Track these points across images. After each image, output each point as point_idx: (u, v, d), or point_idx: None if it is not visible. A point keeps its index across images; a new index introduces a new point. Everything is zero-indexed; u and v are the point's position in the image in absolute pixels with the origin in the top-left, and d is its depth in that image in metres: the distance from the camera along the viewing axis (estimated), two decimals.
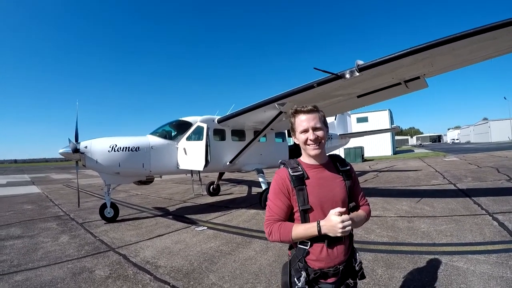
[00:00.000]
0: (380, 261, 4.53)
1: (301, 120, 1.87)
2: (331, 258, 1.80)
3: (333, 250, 1.80)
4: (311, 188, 1.83)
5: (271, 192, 1.91)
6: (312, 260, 1.80)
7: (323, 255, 1.79)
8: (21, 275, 4.74)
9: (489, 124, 77.80)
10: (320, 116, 1.90)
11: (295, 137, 1.95)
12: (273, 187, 1.90)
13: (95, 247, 6.08)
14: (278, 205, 1.85)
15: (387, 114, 39.58)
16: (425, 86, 7.12)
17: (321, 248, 1.79)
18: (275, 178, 1.91)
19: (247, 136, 10.77)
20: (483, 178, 12.51)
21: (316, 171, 1.89)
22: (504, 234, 5.28)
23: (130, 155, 8.34)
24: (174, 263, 4.98)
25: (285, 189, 1.84)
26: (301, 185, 1.82)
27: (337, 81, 6.39)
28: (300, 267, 1.80)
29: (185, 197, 12.94)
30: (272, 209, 1.87)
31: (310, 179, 1.85)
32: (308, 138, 1.84)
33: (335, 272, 1.80)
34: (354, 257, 1.95)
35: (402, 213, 7.43)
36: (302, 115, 1.88)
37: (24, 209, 11.53)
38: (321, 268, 1.79)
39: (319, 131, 1.85)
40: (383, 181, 14.34)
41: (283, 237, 1.77)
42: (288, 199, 1.84)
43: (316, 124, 1.85)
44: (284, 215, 1.85)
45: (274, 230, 1.80)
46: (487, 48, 5.44)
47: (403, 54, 5.48)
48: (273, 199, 1.88)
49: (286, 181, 1.84)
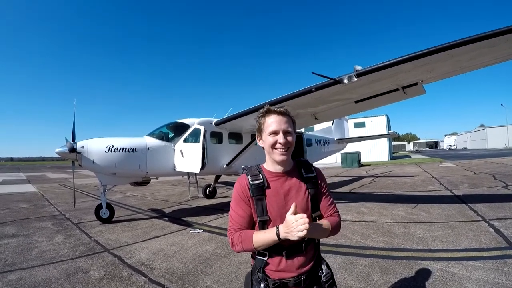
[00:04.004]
0: (375, 266, 4.52)
1: (272, 121, 1.77)
2: (291, 268, 1.74)
3: (293, 260, 1.74)
4: (270, 198, 1.75)
5: (233, 201, 1.83)
6: (271, 270, 1.76)
7: (282, 265, 1.74)
8: (15, 274, 4.69)
9: (486, 130, 78.21)
10: (292, 121, 1.83)
11: (261, 138, 1.86)
12: (234, 195, 1.83)
13: (90, 248, 6.04)
14: (240, 214, 1.78)
15: (385, 119, 39.75)
16: (423, 92, 7.17)
17: (279, 260, 1.74)
18: (236, 185, 1.84)
19: (244, 139, 10.78)
20: (479, 184, 12.55)
21: (278, 179, 1.81)
22: (500, 241, 5.28)
23: (127, 156, 8.32)
24: (169, 265, 4.95)
25: (245, 197, 1.77)
26: (260, 195, 1.75)
27: (335, 86, 6.42)
28: (260, 278, 1.75)
29: (181, 199, 12.89)
30: (233, 218, 1.79)
31: (271, 189, 1.77)
32: (278, 141, 1.74)
33: (296, 282, 1.74)
34: (321, 268, 1.86)
35: (398, 218, 7.43)
36: (274, 115, 1.78)
37: (19, 208, 11.44)
38: (281, 278, 1.74)
39: (290, 136, 1.78)
40: (380, 187, 14.36)
41: (245, 245, 1.70)
42: (249, 207, 1.77)
43: (287, 127, 1.77)
44: (246, 224, 1.78)
45: (236, 240, 1.72)
46: (485, 56, 5.49)
47: (402, 60, 5.51)
48: (234, 207, 1.81)
49: (246, 189, 1.77)
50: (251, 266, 1.89)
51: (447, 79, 6.72)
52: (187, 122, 9.64)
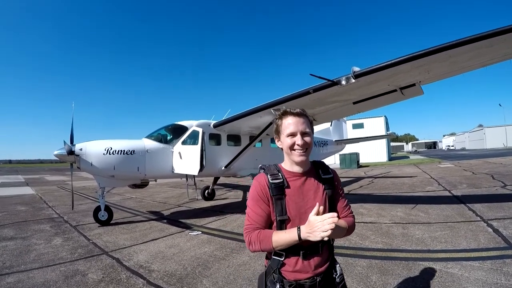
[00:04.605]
0: (374, 267, 4.52)
1: (289, 123, 1.78)
2: (307, 269, 1.73)
3: (309, 261, 1.74)
4: (290, 198, 1.76)
5: (250, 199, 1.82)
6: (287, 271, 1.74)
7: (298, 266, 1.73)
8: (13, 277, 4.67)
9: (484, 130, 78.44)
10: (309, 121, 1.83)
11: (279, 140, 1.87)
12: (252, 193, 1.81)
13: (89, 250, 6.02)
14: (258, 213, 1.77)
15: (383, 120, 39.79)
16: (421, 93, 7.18)
17: (296, 260, 1.73)
18: (254, 184, 1.83)
19: (242, 141, 10.77)
20: (478, 184, 12.57)
21: (297, 179, 1.81)
22: (499, 241, 5.30)
23: (125, 158, 8.31)
24: (167, 267, 4.94)
25: (265, 196, 1.76)
26: (279, 194, 1.75)
27: (333, 87, 6.43)
28: (275, 279, 1.74)
29: (180, 201, 12.87)
30: (251, 217, 1.78)
31: (290, 189, 1.77)
32: (296, 142, 1.74)
33: (311, 283, 1.73)
34: (334, 269, 1.85)
35: (397, 219, 7.43)
36: (291, 117, 1.79)
37: (17, 210, 11.40)
38: (297, 279, 1.73)
39: (307, 136, 1.78)
40: (378, 187, 14.38)
41: (263, 245, 1.68)
42: (268, 206, 1.77)
43: (305, 128, 1.77)
44: (263, 223, 1.77)
45: (253, 239, 1.70)
46: (483, 56, 5.50)
47: (400, 61, 5.53)
48: (252, 206, 1.79)
49: (265, 188, 1.76)
50: (265, 267, 1.87)
51: (445, 79, 6.74)
52: (186, 124, 9.64)
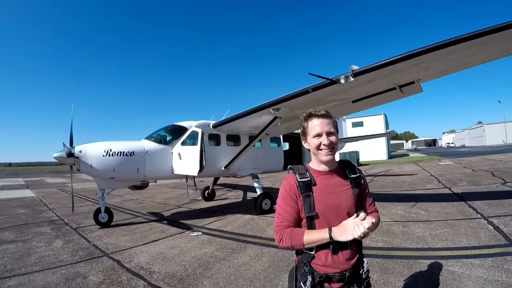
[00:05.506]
0: (375, 266, 4.51)
1: (315, 125, 1.85)
2: (336, 264, 1.79)
3: (338, 256, 1.79)
4: (317, 195, 1.82)
5: (280, 198, 1.90)
6: (318, 265, 1.80)
7: (328, 261, 1.78)
8: (14, 280, 4.67)
9: (484, 127, 78.54)
10: (333, 121, 1.89)
11: (306, 141, 1.95)
12: (282, 192, 1.90)
13: (89, 252, 6.01)
14: (288, 211, 1.84)
15: (382, 118, 39.84)
16: (420, 90, 7.18)
17: (326, 254, 1.79)
18: (283, 183, 1.91)
19: (242, 141, 10.75)
20: (478, 182, 12.57)
21: (324, 177, 1.88)
22: (499, 238, 5.29)
23: (125, 160, 8.29)
24: (168, 268, 4.93)
25: (293, 194, 1.84)
26: (307, 192, 1.81)
27: (332, 86, 6.41)
28: (306, 271, 1.80)
29: (180, 202, 12.87)
30: (281, 214, 1.86)
31: (318, 186, 1.84)
32: (322, 143, 1.82)
33: (340, 277, 1.79)
34: (362, 265, 1.91)
35: (397, 217, 7.43)
36: (316, 119, 1.86)
37: (17, 213, 11.39)
38: (326, 273, 1.78)
39: (333, 136, 1.84)
40: (378, 186, 14.38)
41: (294, 242, 1.76)
42: (297, 204, 1.84)
43: (330, 129, 1.83)
44: (293, 220, 1.84)
45: (285, 236, 1.78)
46: (482, 53, 5.49)
47: (398, 59, 5.51)
48: (282, 204, 1.87)
49: (294, 186, 1.84)
50: (295, 261, 1.94)
51: (444, 77, 6.74)
52: (185, 124, 9.62)
